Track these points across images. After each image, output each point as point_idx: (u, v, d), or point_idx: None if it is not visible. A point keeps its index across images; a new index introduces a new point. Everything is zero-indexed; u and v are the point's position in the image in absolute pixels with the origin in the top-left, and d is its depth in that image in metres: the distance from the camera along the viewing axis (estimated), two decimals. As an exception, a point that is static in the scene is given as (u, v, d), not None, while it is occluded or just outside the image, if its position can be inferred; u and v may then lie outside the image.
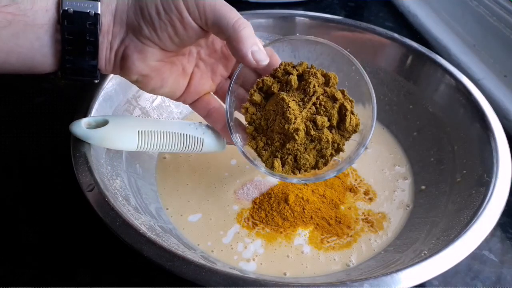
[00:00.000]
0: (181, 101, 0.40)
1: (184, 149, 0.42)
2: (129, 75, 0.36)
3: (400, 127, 0.53)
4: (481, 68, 0.63)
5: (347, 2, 0.82)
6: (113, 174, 0.41)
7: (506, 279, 0.41)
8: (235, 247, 0.42)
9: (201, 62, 0.39)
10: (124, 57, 0.35)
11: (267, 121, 0.39)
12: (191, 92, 0.39)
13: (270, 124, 0.38)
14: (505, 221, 0.45)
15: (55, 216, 0.43)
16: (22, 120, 0.54)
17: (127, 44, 0.34)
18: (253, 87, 0.39)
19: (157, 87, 0.38)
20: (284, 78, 0.38)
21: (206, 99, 0.40)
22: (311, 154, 0.38)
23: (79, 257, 0.40)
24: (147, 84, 0.37)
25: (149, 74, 0.36)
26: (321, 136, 0.38)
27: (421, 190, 0.47)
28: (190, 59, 0.38)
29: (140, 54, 0.34)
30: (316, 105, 0.38)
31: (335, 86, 0.39)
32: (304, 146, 0.38)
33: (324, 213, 0.44)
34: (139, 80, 0.37)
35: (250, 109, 0.39)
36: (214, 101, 0.41)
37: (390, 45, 0.54)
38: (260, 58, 0.35)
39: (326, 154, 0.38)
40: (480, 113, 0.45)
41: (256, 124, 0.39)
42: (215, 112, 0.40)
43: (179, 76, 0.38)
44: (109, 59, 0.35)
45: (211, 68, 0.40)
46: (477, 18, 0.66)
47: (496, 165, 0.41)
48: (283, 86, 0.38)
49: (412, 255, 0.38)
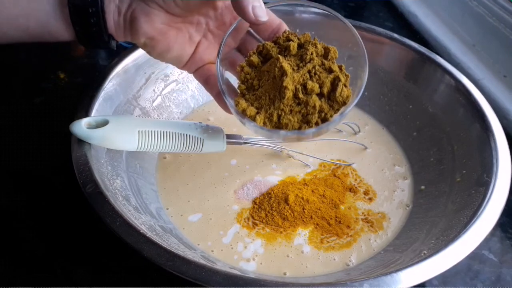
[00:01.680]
0: (186, 69, 0.41)
1: (184, 149, 0.42)
2: (137, 38, 0.37)
3: (400, 127, 0.53)
4: (481, 68, 0.63)
5: (347, 2, 0.82)
6: (113, 174, 0.41)
7: (505, 279, 0.41)
8: (235, 247, 0.42)
9: (210, 33, 0.40)
10: (132, 20, 0.36)
11: (259, 81, 0.38)
12: (196, 60, 0.40)
13: (262, 84, 0.38)
14: (505, 221, 0.45)
15: (55, 216, 0.43)
16: (22, 120, 0.54)
17: (134, 8, 0.36)
18: (252, 50, 0.39)
19: (164, 51, 0.38)
20: (284, 44, 0.39)
21: (207, 66, 0.41)
22: (296, 117, 0.37)
23: (79, 257, 0.40)
24: (154, 48, 0.38)
25: (155, 36, 0.37)
26: (308, 100, 0.37)
27: (421, 190, 0.47)
28: (198, 28, 0.39)
29: (146, 16, 0.36)
30: (310, 73, 0.38)
31: (333, 60, 0.39)
32: (289, 108, 0.37)
33: (324, 213, 0.44)
34: (147, 43, 0.38)
35: (245, 68, 0.39)
36: (214, 69, 0.41)
37: (390, 45, 0.54)
38: (259, 14, 0.35)
39: (311, 120, 0.37)
40: (480, 113, 0.45)
41: (248, 83, 0.39)
42: (213, 78, 0.41)
43: (185, 43, 0.39)
44: (118, 24, 0.37)
45: (218, 40, 0.41)
46: (477, 18, 0.66)
47: (496, 165, 0.41)
48: (282, 51, 0.39)
49: (411, 255, 0.38)
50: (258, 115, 0.37)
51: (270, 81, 0.37)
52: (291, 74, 0.36)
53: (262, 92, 0.38)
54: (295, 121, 0.37)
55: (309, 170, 0.49)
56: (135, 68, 0.49)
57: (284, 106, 0.37)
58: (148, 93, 0.51)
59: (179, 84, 0.54)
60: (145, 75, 0.50)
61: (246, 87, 0.39)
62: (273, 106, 0.37)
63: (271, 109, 0.37)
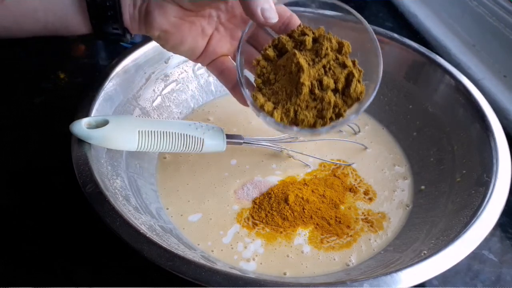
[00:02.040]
0: (199, 61, 0.42)
1: (184, 149, 0.42)
2: (152, 30, 0.38)
3: (400, 127, 0.53)
4: (481, 68, 0.63)
5: (347, 2, 0.82)
6: (113, 174, 0.41)
7: (505, 279, 0.41)
8: (235, 247, 0.42)
9: (221, 26, 0.41)
10: (147, 13, 0.37)
11: (275, 75, 0.39)
12: (209, 53, 0.41)
13: (278, 78, 0.39)
14: (505, 221, 0.45)
15: (55, 216, 0.43)
16: (22, 120, 0.54)
17: (149, 1, 0.36)
18: (268, 43, 0.40)
19: (177, 44, 0.39)
20: (299, 38, 0.39)
21: (222, 59, 0.42)
22: (311, 113, 0.38)
23: (79, 257, 0.40)
24: (168, 41, 0.39)
25: (169, 29, 0.38)
26: (324, 96, 0.37)
27: (421, 190, 0.47)
28: (210, 21, 0.40)
29: (160, 9, 0.36)
30: (325, 68, 0.38)
31: (347, 55, 0.39)
32: (305, 103, 0.38)
33: (324, 213, 0.44)
34: (161, 36, 0.39)
35: (261, 62, 0.39)
36: (228, 62, 0.43)
37: (390, 45, 0.54)
38: (269, 16, 0.35)
39: (325, 116, 0.38)
40: (479, 113, 0.45)
41: (264, 77, 0.39)
42: (228, 71, 0.42)
43: (198, 35, 0.40)
44: (133, 16, 0.38)
45: (230, 33, 0.41)
46: (477, 18, 0.66)
47: (496, 165, 0.41)
48: (297, 45, 0.39)
49: (411, 255, 0.38)
50: (275, 110, 0.37)
51: (286, 76, 0.38)
52: (307, 70, 0.37)
53: (278, 87, 0.38)
54: (311, 116, 0.38)
55: (309, 170, 0.49)
56: (135, 68, 0.49)
57: (301, 102, 0.37)
58: (148, 93, 0.51)
59: (179, 84, 0.54)
60: (145, 75, 0.50)
61: (262, 81, 0.39)
62: (290, 102, 0.38)
63: (288, 105, 0.38)
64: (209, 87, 0.56)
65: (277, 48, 0.39)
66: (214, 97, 0.57)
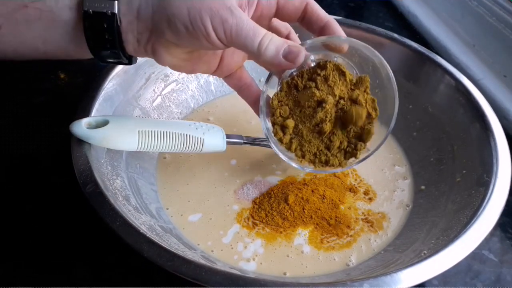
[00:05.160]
0: (216, 75, 0.43)
1: (184, 149, 0.42)
2: (162, 64, 0.38)
3: (400, 127, 0.53)
4: (481, 68, 0.63)
5: (347, 2, 0.82)
6: (113, 174, 0.41)
7: (505, 279, 0.41)
8: (235, 247, 0.42)
9: None
10: (154, 51, 0.36)
11: (292, 110, 0.41)
12: (224, 67, 0.42)
13: (296, 116, 0.41)
14: (505, 221, 0.45)
15: (55, 216, 0.43)
16: (22, 120, 0.54)
17: (154, 41, 0.36)
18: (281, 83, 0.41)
19: (190, 71, 0.40)
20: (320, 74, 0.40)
21: (238, 75, 0.43)
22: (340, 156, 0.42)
23: (79, 257, 0.40)
24: (180, 70, 0.40)
25: (179, 64, 0.38)
26: (334, 141, 0.41)
27: (421, 190, 0.47)
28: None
29: (167, 50, 0.36)
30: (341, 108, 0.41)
31: (368, 90, 0.42)
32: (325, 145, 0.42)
33: (324, 213, 0.44)
34: (172, 67, 0.39)
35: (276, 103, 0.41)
36: (246, 76, 0.43)
37: (390, 45, 0.54)
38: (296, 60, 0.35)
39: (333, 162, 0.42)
40: (479, 113, 0.45)
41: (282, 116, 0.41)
42: (246, 88, 0.43)
43: (209, 58, 0.40)
44: (138, 50, 0.37)
45: None
46: (477, 18, 0.66)
47: (496, 165, 0.41)
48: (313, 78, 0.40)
49: (411, 255, 0.38)
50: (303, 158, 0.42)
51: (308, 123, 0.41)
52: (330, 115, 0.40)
53: (301, 126, 0.41)
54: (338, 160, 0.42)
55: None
56: (135, 68, 0.49)
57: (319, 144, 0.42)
58: (148, 93, 0.51)
59: (179, 84, 0.54)
60: (145, 75, 0.50)
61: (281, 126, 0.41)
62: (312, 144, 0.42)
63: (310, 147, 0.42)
64: (209, 87, 0.56)
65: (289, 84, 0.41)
66: (214, 97, 0.57)
